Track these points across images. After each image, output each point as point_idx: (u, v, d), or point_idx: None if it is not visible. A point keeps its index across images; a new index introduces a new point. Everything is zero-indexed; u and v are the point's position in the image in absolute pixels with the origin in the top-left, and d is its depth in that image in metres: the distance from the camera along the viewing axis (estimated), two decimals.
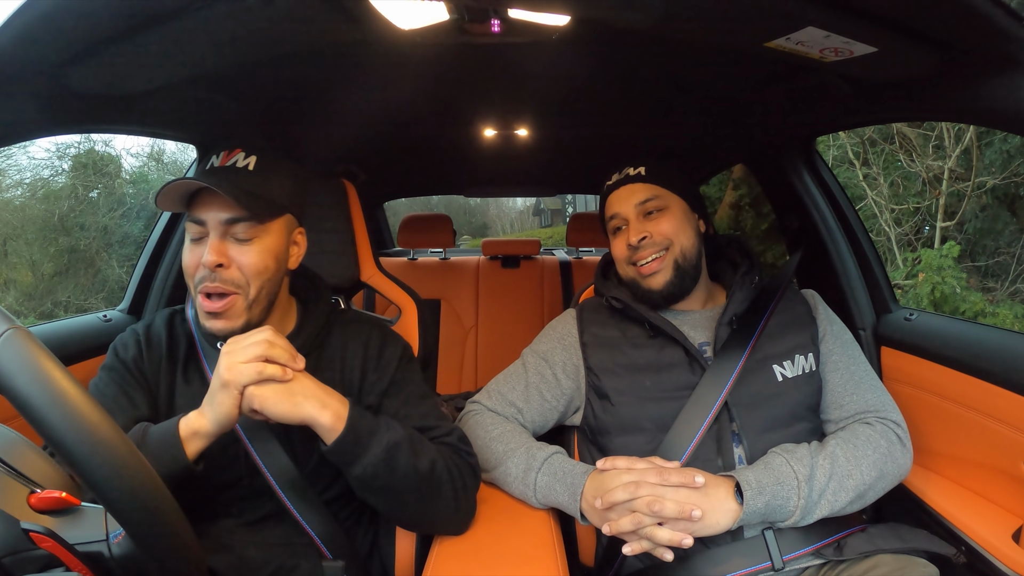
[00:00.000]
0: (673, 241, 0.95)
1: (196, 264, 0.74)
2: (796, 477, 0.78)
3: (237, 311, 0.75)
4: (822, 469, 0.79)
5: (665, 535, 0.74)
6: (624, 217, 0.98)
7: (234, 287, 0.75)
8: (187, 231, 0.76)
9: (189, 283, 0.76)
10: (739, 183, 5.53)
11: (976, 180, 4.63)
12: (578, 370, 0.97)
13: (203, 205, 0.74)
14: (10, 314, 0.44)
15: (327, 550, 0.80)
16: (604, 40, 0.96)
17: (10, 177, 6.54)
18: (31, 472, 0.55)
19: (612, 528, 0.76)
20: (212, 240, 0.73)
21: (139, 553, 0.50)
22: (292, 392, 0.67)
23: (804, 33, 0.68)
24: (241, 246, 0.75)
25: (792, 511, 0.77)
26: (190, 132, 1.18)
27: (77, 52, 0.71)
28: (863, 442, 0.83)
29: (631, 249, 0.96)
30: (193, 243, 0.75)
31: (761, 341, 0.91)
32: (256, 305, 0.77)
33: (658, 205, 0.96)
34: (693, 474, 0.77)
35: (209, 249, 0.73)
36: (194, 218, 0.75)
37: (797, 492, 0.77)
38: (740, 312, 0.93)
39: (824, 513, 0.79)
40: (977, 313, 4.15)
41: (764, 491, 0.77)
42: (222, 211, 0.74)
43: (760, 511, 0.76)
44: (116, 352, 0.82)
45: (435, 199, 15.03)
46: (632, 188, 0.98)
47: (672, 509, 0.74)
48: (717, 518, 0.75)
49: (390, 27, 0.81)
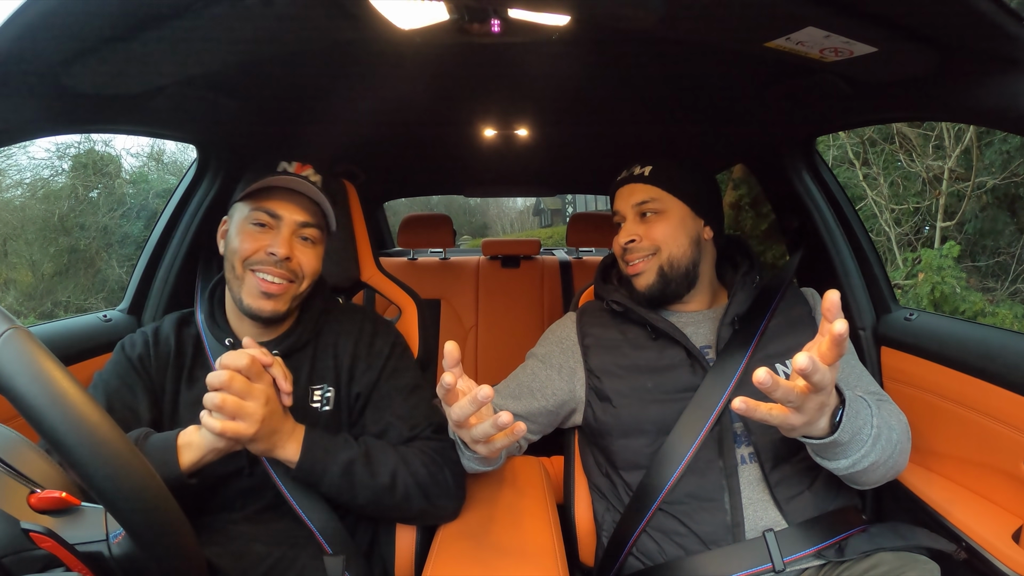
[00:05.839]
0: (661, 248, 0.94)
1: (256, 249, 0.82)
2: (871, 409, 0.75)
3: (287, 298, 0.83)
4: (881, 415, 0.76)
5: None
6: (623, 215, 0.99)
7: (293, 276, 0.83)
8: (246, 219, 0.83)
9: (236, 265, 0.82)
10: (739, 183, 5.53)
11: (976, 180, 4.63)
12: (574, 372, 0.97)
13: (280, 202, 0.83)
14: (10, 314, 0.44)
15: (327, 544, 0.81)
16: (604, 40, 0.96)
17: (10, 177, 6.54)
18: (31, 472, 0.55)
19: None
20: (284, 234, 0.82)
21: (139, 553, 0.50)
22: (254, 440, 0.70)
23: (804, 33, 0.68)
24: (305, 247, 0.85)
25: (862, 443, 0.72)
26: (190, 132, 1.18)
27: (77, 52, 0.71)
28: (888, 412, 0.83)
29: (621, 249, 0.98)
30: (256, 231, 0.83)
31: (763, 341, 0.91)
32: (298, 298, 0.86)
33: (655, 208, 0.96)
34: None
35: (282, 242, 0.81)
36: (268, 210, 0.82)
37: (869, 410, 0.74)
38: (742, 312, 0.93)
39: (879, 460, 0.74)
40: (977, 313, 4.15)
41: (855, 416, 0.71)
42: (300, 214, 0.84)
43: (847, 434, 0.70)
44: (123, 348, 0.86)
45: (435, 199, 15.02)
46: (633, 188, 0.98)
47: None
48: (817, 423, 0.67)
49: (390, 27, 0.81)
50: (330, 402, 0.86)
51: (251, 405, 0.67)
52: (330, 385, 0.87)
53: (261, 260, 0.81)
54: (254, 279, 0.81)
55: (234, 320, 0.88)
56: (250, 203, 0.83)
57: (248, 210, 0.83)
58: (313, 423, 0.81)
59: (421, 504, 0.79)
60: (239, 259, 0.82)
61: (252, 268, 0.81)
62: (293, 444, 0.73)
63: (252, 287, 0.81)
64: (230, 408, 0.65)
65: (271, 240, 0.81)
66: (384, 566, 0.90)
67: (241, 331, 0.87)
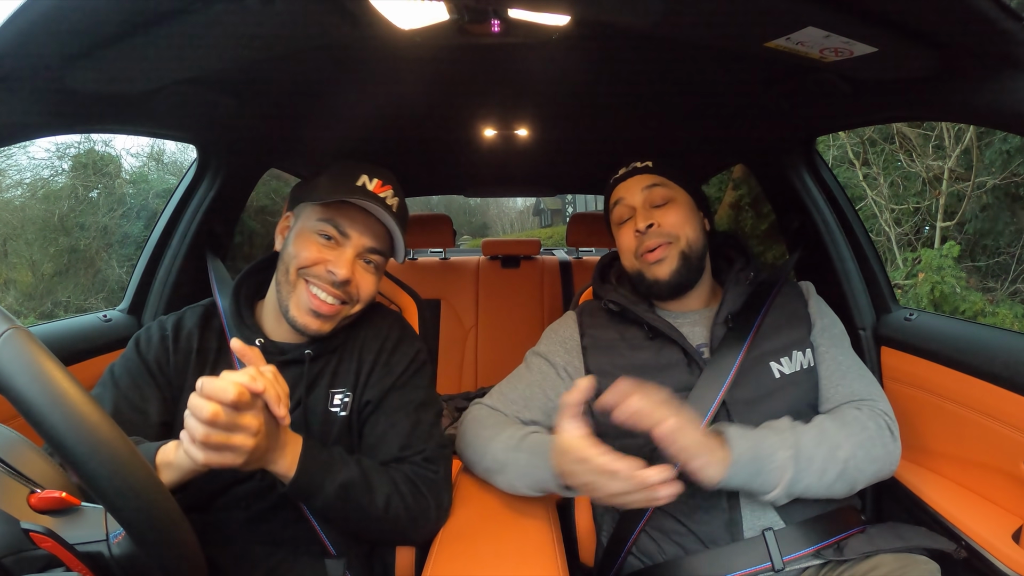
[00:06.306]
0: (679, 234, 0.94)
1: (318, 261, 0.78)
2: (781, 432, 0.78)
3: (337, 319, 0.81)
4: (809, 435, 0.79)
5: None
6: (630, 205, 0.98)
7: (347, 298, 0.80)
8: (313, 228, 0.80)
9: (291, 270, 0.79)
10: (739, 183, 5.53)
11: (976, 180, 4.63)
12: (579, 373, 0.97)
13: (352, 221, 0.80)
14: (10, 314, 0.44)
15: (331, 546, 0.80)
16: (604, 40, 0.96)
17: (10, 177, 6.54)
18: (31, 472, 0.55)
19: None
20: (348, 255, 0.79)
21: (139, 553, 0.50)
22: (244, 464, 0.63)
23: (804, 33, 0.68)
24: (366, 271, 0.82)
25: (781, 468, 0.75)
26: (190, 132, 1.18)
27: (77, 52, 0.71)
28: (851, 420, 0.83)
29: (638, 236, 0.95)
30: (321, 242, 0.80)
31: (758, 339, 0.91)
32: (348, 320, 0.83)
33: (665, 195, 0.96)
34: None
35: (345, 263, 0.78)
36: (338, 226, 0.79)
37: (783, 443, 0.76)
38: (735, 310, 0.93)
39: (813, 482, 0.77)
40: (977, 313, 4.14)
41: (748, 437, 0.76)
42: (370, 238, 0.81)
43: (747, 459, 0.74)
44: (138, 347, 0.82)
45: (435, 199, 15.03)
46: (640, 178, 0.98)
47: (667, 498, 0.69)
48: (710, 469, 0.73)
49: (390, 27, 0.81)
50: (347, 407, 0.84)
51: (239, 438, 0.58)
52: (349, 390, 0.84)
53: (319, 275, 0.78)
54: (306, 292, 0.78)
55: (270, 319, 0.85)
56: (321, 211, 0.80)
57: (316, 219, 0.80)
58: (330, 428, 0.81)
59: (405, 530, 0.77)
60: (296, 266, 0.79)
61: (307, 279, 0.78)
62: (288, 459, 0.68)
63: (302, 300, 0.78)
64: (215, 443, 0.57)
65: (334, 257, 0.78)
66: (384, 567, 0.90)
67: (275, 333, 0.85)
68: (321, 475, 0.70)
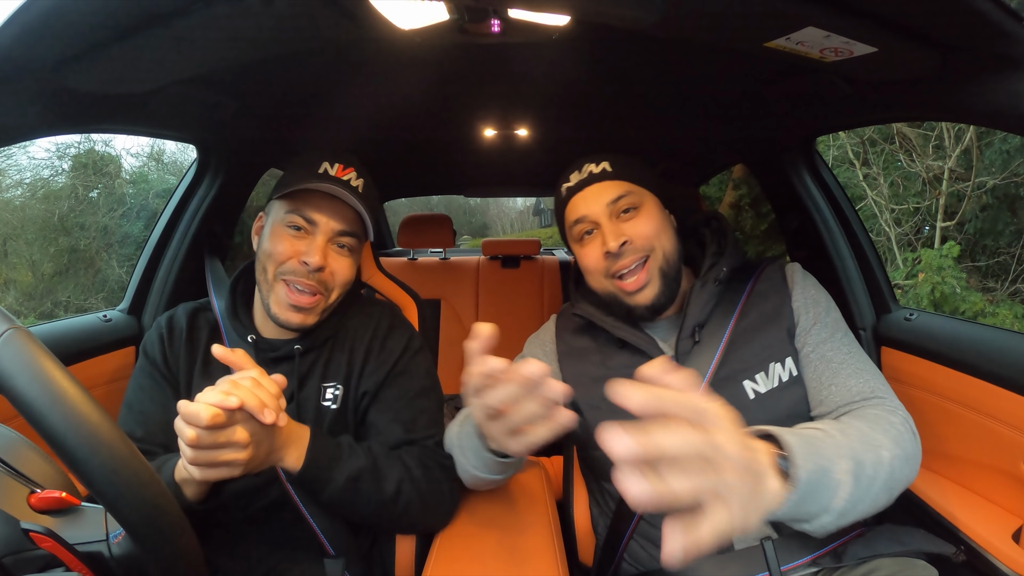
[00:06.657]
0: (655, 246, 0.84)
1: (291, 255, 0.79)
2: (830, 434, 0.58)
3: (316, 311, 0.81)
4: (852, 435, 0.61)
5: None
6: (593, 220, 0.86)
7: (323, 288, 0.80)
8: (282, 221, 0.80)
9: (269, 269, 0.80)
10: (739, 183, 5.53)
11: (976, 180, 4.63)
12: (556, 378, 0.94)
13: (318, 207, 0.80)
14: (10, 314, 0.44)
15: (329, 546, 0.80)
16: (604, 40, 0.96)
17: (10, 177, 6.53)
18: (31, 472, 0.55)
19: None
20: (319, 242, 0.79)
21: (139, 553, 0.50)
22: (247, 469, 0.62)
23: (804, 33, 0.68)
24: (340, 255, 0.82)
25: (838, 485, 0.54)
26: (190, 132, 1.18)
27: (77, 52, 0.71)
28: (874, 416, 0.69)
29: (610, 258, 0.84)
30: (291, 234, 0.80)
31: (728, 354, 0.81)
32: (328, 309, 0.83)
33: (632, 203, 0.85)
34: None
35: (316, 250, 0.78)
36: (305, 215, 0.79)
37: (837, 449, 0.56)
38: (702, 321, 0.84)
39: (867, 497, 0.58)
40: (977, 313, 4.15)
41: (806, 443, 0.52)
42: (338, 221, 0.80)
43: (813, 482, 0.51)
44: (145, 352, 0.86)
45: (435, 199, 15.02)
46: (600, 187, 0.86)
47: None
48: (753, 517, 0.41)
49: (390, 27, 0.81)
50: (337, 400, 0.84)
51: (228, 454, 0.57)
52: (340, 383, 0.85)
53: (293, 270, 0.79)
54: (284, 289, 0.79)
55: (259, 317, 0.88)
56: (287, 204, 0.81)
57: (284, 212, 0.81)
58: (321, 421, 0.81)
59: (418, 516, 0.77)
60: (272, 264, 0.80)
61: (283, 278, 0.79)
62: (295, 452, 0.68)
63: (281, 298, 0.80)
64: (205, 461, 0.57)
65: (306, 247, 0.79)
66: (384, 567, 0.90)
67: (266, 330, 0.86)
68: (329, 466, 0.71)
